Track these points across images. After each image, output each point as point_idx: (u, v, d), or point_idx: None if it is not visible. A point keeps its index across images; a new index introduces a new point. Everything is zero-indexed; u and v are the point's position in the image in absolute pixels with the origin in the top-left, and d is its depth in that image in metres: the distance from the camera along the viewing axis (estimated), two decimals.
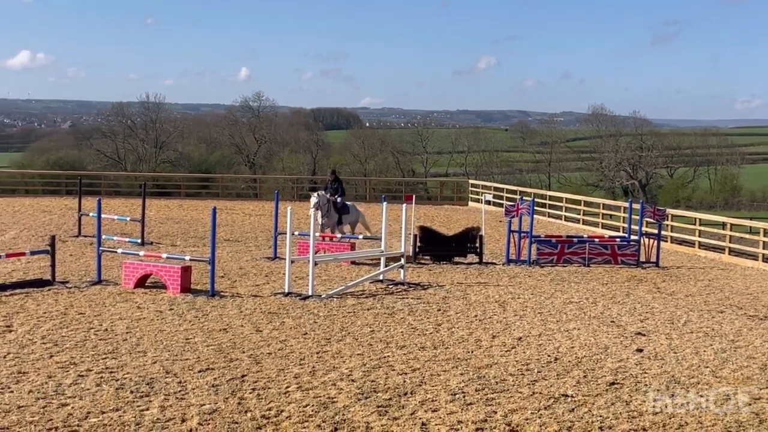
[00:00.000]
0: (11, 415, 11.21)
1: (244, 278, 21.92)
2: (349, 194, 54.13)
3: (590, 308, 19.62)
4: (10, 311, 17.26)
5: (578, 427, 11.51)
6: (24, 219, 34.20)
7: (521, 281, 23.07)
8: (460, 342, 15.99)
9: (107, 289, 19.81)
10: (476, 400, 12.48)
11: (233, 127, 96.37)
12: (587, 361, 14.90)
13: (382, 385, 13.07)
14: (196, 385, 12.74)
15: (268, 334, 16.10)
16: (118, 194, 47.56)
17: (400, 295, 20.44)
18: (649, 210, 29.12)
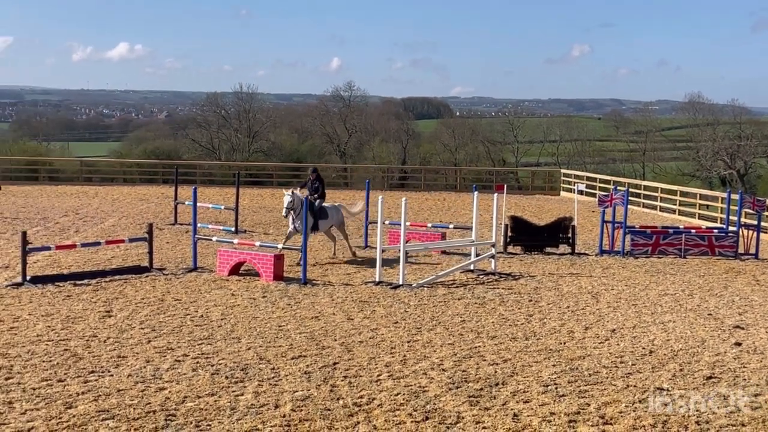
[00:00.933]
0: (111, 398, 11.49)
1: (335, 267, 22.09)
2: (439, 184, 54.12)
3: (686, 300, 19.31)
4: (110, 297, 17.69)
5: (674, 421, 11.35)
6: (122, 207, 34.93)
7: (615, 272, 22.79)
8: (552, 333, 15.89)
9: (202, 276, 20.17)
10: (569, 391, 12.40)
11: (324, 116, 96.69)
12: (683, 354, 14.67)
13: (473, 375, 13.06)
14: (289, 371, 12.90)
15: (360, 322, 16.21)
16: (213, 183, 48.19)
17: (491, 285, 20.38)
18: (748, 200, 28.40)
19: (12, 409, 11.03)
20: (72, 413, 10.94)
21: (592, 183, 45.30)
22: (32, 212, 31.35)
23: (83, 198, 38.40)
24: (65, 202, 36.28)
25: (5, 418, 10.75)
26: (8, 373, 12.44)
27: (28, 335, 14.58)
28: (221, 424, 10.71)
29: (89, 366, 12.91)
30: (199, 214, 23.30)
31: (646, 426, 11.12)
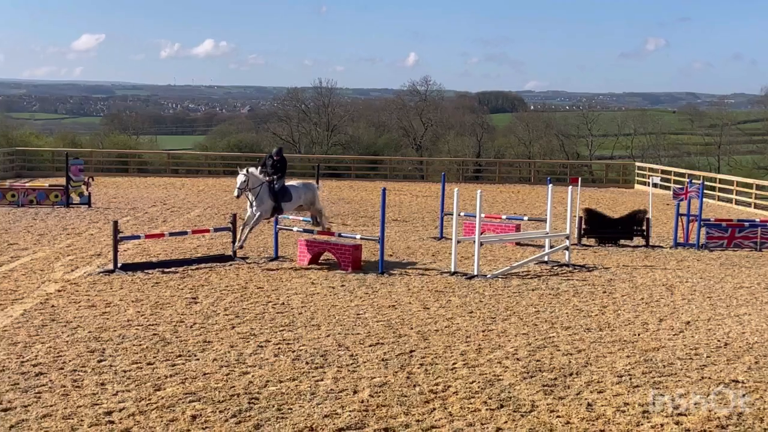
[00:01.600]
0: (197, 381, 11.69)
1: (411, 257, 22.13)
2: (513, 177, 53.80)
3: (762, 294, 18.97)
4: (195, 284, 17.99)
5: (749, 413, 11.17)
6: (207, 198, 35.43)
7: (689, 265, 22.48)
8: (626, 324, 15.74)
9: (283, 265, 20.39)
10: (643, 382, 12.28)
11: (401, 110, 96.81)
12: (759, 347, 14.43)
13: (547, 364, 13.01)
14: (367, 358, 12.99)
15: (435, 311, 16.23)
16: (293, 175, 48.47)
17: (564, 276, 20.26)
18: None
19: (104, 390, 11.30)
20: (160, 395, 11.16)
21: (666, 176, 44.76)
22: (122, 203, 31.97)
23: (170, 189, 39.05)
24: (153, 193, 36.92)
25: (98, 398, 11.01)
26: (101, 356, 12.74)
27: (119, 320, 14.91)
28: (302, 407, 10.83)
29: (176, 350, 13.16)
30: None
31: (721, 418, 10.99)
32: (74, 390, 11.29)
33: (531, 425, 10.52)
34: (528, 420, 10.70)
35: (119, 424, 10.18)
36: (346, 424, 10.35)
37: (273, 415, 10.55)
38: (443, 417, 10.69)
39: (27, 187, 31.97)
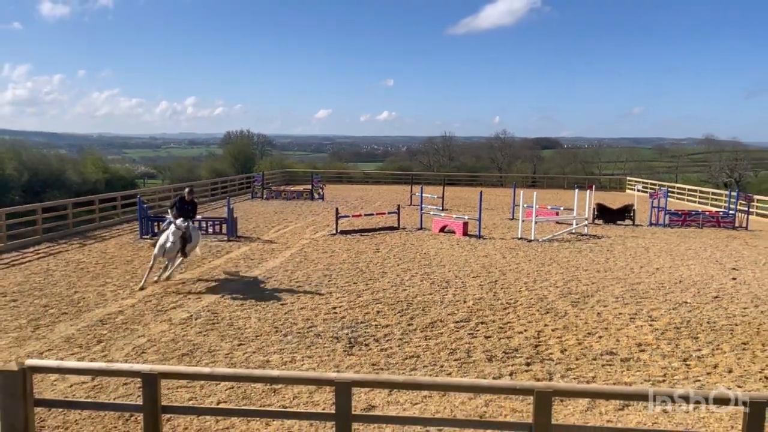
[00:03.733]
0: (379, 293, 11.94)
1: (495, 229, 21.83)
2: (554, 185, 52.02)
3: (702, 253, 17.86)
4: (378, 242, 18.27)
5: (693, 321, 10.63)
6: (384, 196, 35.85)
7: (658, 236, 21.33)
8: (620, 269, 15.13)
9: (425, 233, 20.43)
10: (630, 302, 11.83)
11: (490, 149, 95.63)
12: (699, 283, 13.64)
13: (574, 290, 12.68)
14: (471, 284, 12.95)
15: (509, 259, 15.99)
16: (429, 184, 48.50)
17: (584, 241, 19.57)
18: (742, 196, 26.02)
19: (331, 295, 11.69)
20: (360, 300, 11.46)
21: (645, 185, 42.49)
22: (339, 198, 32.72)
23: (364, 191, 39.65)
24: (355, 193, 37.59)
25: (328, 300, 11.39)
26: (329, 279, 13.16)
27: (338, 260, 15.33)
28: (435, 309, 10.92)
29: (368, 276, 13.45)
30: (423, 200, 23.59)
31: (677, 322, 10.48)
32: (317, 296, 11.73)
33: (564, 323, 10.30)
34: (562, 320, 10.48)
35: (340, 314, 10.52)
36: (460, 318, 10.39)
37: (419, 312, 10.69)
38: (514, 317, 10.59)
39: (291, 190, 33.08)
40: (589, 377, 7.95)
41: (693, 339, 9.64)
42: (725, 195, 30.68)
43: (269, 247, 16.94)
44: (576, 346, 9.17)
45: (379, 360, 8.38)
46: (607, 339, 9.52)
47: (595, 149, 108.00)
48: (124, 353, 8.53)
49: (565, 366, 8.33)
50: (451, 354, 8.68)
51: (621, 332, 9.89)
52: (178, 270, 13.06)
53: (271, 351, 8.68)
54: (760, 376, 8.21)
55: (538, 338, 9.47)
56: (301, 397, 7.10)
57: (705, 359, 8.75)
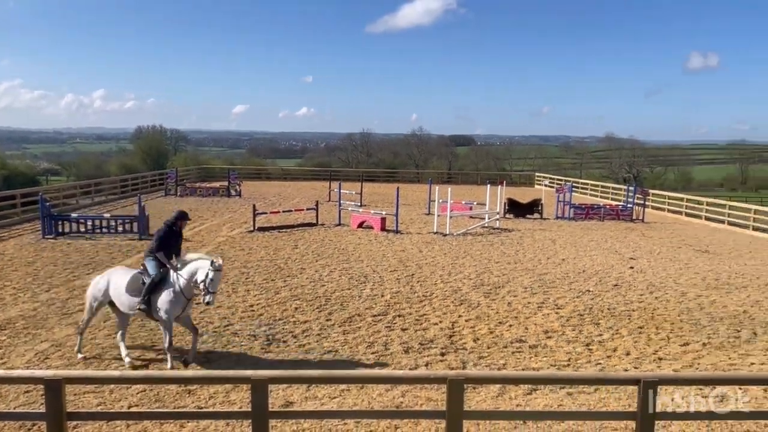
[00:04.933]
0: (298, 289, 11.84)
1: (412, 224, 22.14)
2: (468, 181, 53.33)
3: (603, 244, 18.91)
4: (296, 238, 18.09)
5: (595, 308, 11.24)
6: (302, 192, 35.51)
7: (564, 228, 22.39)
8: (529, 260, 15.76)
9: (344, 228, 20.42)
10: (538, 291, 12.34)
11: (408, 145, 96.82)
12: (601, 272, 14.44)
13: (486, 281, 13.08)
14: (388, 278, 13.08)
15: (426, 253, 16.27)
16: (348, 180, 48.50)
17: (496, 234, 20.23)
18: (638, 190, 27.78)
19: (249, 293, 11.48)
20: (278, 296, 11.32)
21: (552, 180, 44.42)
22: (257, 195, 32.10)
23: (283, 188, 39.11)
24: (274, 189, 37.01)
25: (245, 298, 11.18)
26: (246, 277, 12.91)
27: (256, 257, 15.05)
28: (354, 304, 10.96)
29: (287, 273, 13.30)
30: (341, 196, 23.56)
31: (581, 310, 11.05)
32: (233, 293, 11.48)
33: (477, 314, 10.62)
34: (475, 311, 10.80)
35: (257, 312, 10.35)
36: (377, 312, 10.48)
37: (338, 308, 10.69)
38: (430, 309, 10.80)
39: (207, 186, 32.12)
40: (500, 364, 8.24)
41: (595, 325, 10.20)
42: (624, 190, 32.58)
43: (184, 246, 16.36)
44: (488, 335, 9.49)
45: (297, 356, 8.33)
46: (516, 327, 9.90)
47: (507, 146, 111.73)
48: (25, 359, 8.02)
49: (478, 354, 8.60)
50: (369, 347, 8.75)
51: (530, 320, 10.32)
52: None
53: (186, 352, 8.41)
54: (654, 357, 8.80)
55: (452, 329, 9.71)
56: (217, 397, 6.94)
57: (606, 343, 9.28)
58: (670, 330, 10.05)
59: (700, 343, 9.48)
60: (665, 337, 9.67)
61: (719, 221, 25.79)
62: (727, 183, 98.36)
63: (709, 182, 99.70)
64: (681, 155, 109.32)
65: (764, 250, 19.29)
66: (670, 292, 12.63)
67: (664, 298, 12.09)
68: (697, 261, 16.54)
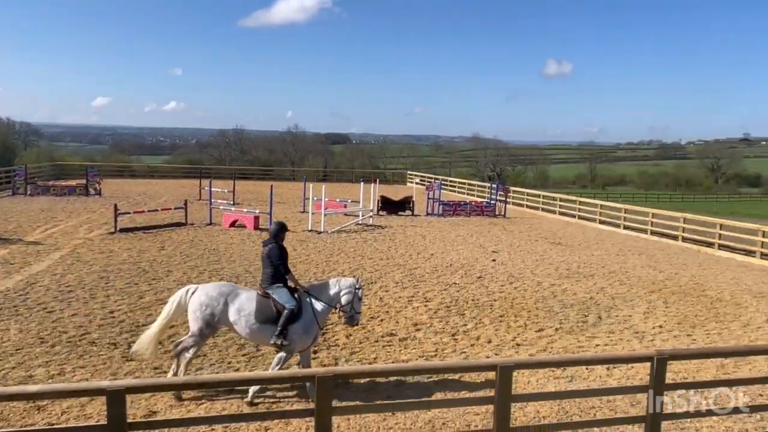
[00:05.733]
0: (163, 293, 11.25)
1: (287, 222, 21.78)
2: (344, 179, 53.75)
3: (469, 238, 19.87)
4: (163, 239, 17.21)
5: (461, 299, 11.77)
6: (171, 190, 33.83)
7: (434, 225, 23.24)
8: (400, 256, 16.16)
9: (215, 228, 19.74)
10: (409, 285, 12.70)
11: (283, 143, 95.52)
12: (466, 265, 15.15)
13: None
14: None
15: (300, 251, 16.17)
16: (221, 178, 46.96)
17: (370, 231, 20.55)
18: (501, 188, 29.48)
19: (108, 299, 10.75)
20: (143, 301, 10.72)
21: (423, 178, 45.90)
22: (120, 194, 30.14)
23: (149, 186, 37.02)
24: (139, 188, 34.93)
25: (104, 304, 10.46)
26: (107, 281, 12.07)
27: (117, 260, 14.12)
28: None
29: (152, 276, 12.62)
30: (213, 194, 22.76)
31: (448, 302, 11.52)
32: (91, 300, 10.69)
33: None
34: None
35: (118, 318, 9.73)
36: None
37: None
38: None
39: (62, 185, 29.60)
40: (371, 358, 8.39)
41: (460, 315, 10.70)
42: (488, 187, 34.43)
43: (34, 249, 15.00)
44: (360, 330, 9.61)
45: (162, 363, 7.93)
46: (388, 321, 10.12)
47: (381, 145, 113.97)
48: None
49: (350, 350, 8.69)
50: (240, 349, 8.54)
51: (400, 314, 10.60)
52: None
53: (35, 365, 7.72)
54: (512, 343, 9.40)
55: (325, 326, 9.72)
56: (71, 412, 6.43)
57: (470, 332, 9.76)
58: (527, 317, 10.78)
59: (554, 328, 10.27)
60: (523, 324, 10.36)
61: (571, 216, 28.07)
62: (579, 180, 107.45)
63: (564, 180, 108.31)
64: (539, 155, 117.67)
65: (609, 241, 21.28)
66: (527, 282, 13.54)
67: (522, 288, 12.95)
68: (551, 253, 17.87)
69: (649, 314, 11.43)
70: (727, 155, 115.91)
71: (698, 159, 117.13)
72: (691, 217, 22.93)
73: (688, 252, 19.95)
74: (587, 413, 6.83)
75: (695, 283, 14.46)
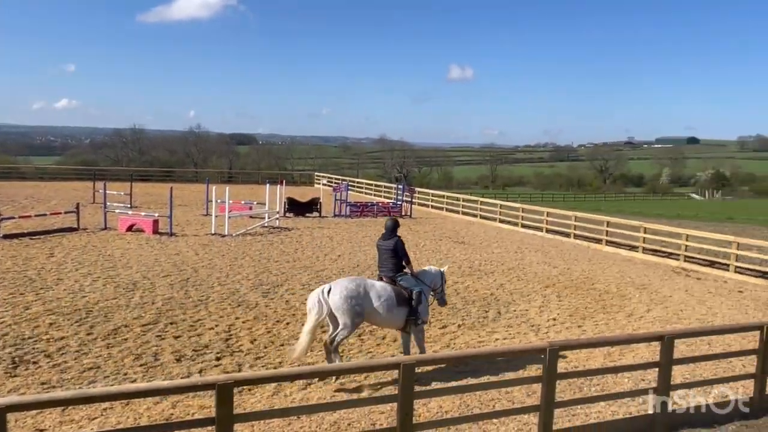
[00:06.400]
0: (53, 303, 10.55)
1: (189, 226, 21.14)
2: (251, 180, 52.67)
3: (375, 239, 19.98)
4: (53, 245, 16.10)
5: None
6: (62, 193, 31.67)
7: (341, 226, 23.26)
8: (307, 258, 16.06)
9: (110, 232, 18.70)
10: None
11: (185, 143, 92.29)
12: (373, 266, 15.06)
13: (265, 281, 13.02)
14: (161, 284, 12.31)
15: (202, 255, 15.65)
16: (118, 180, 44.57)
17: (276, 234, 20.26)
18: (406, 189, 30.03)
19: None
20: (29, 312, 9.96)
21: (330, 180, 45.85)
22: (4, 197, 27.87)
23: (37, 189, 34.45)
24: (26, 191, 32.42)
25: None
26: None
27: (0, 268, 13.07)
28: (120, 314, 10.10)
29: (39, 285, 11.75)
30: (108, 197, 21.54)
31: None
32: None
33: (255, 314, 10.52)
34: (253, 311, 10.69)
35: (1, 332, 8.98)
36: (147, 321, 9.79)
37: (101, 320, 9.76)
38: (206, 313, 10.42)
39: None
40: (276, 363, 8.26)
41: None
42: (395, 188, 34.96)
43: None
44: (265, 334, 9.45)
45: (50, 377, 7.41)
46: (294, 325, 10.01)
47: (288, 146, 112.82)
48: None
49: (255, 355, 8.51)
50: (137, 360, 8.14)
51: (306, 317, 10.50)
52: None
53: None
54: None
55: (229, 332, 9.47)
56: None
57: (376, 332, 9.84)
58: (431, 315, 11.01)
59: (456, 324, 10.57)
60: None
61: (473, 215, 29.04)
62: (481, 181, 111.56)
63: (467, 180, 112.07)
64: (444, 157, 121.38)
65: (508, 239, 22.20)
66: None
67: None
68: (455, 251, 18.39)
69: (544, 308, 12.03)
70: (614, 157, 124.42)
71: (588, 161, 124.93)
72: (581, 215, 24.40)
73: (579, 248, 21.19)
74: (487, 405, 7.08)
75: (585, 277, 15.38)
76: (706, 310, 12.68)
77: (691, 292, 14.34)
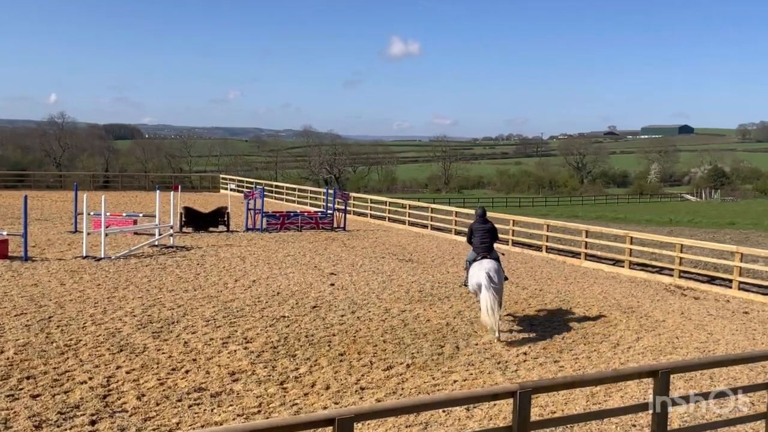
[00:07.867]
0: None
1: (51, 247, 20.43)
2: (133, 185, 51.45)
3: (301, 258, 19.97)
4: None
5: (292, 336, 11.79)
6: None
7: (256, 242, 23.07)
8: (212, 285, 15.82)
9: None
10: (223, 324, 12.46)
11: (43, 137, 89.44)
12: (298, 293, 15.20)
13: (156, 317, 12.73)
14: (13, 325, 11.81)
15: (70, 286, 15.15)
16: None
17: (170, 254, 19.87)
18: (339, 194, 30.12)
19: None
20: None
21: (240, 184, 45.40)
22: None
23: None
24: None
25: None
26: None
27: None
28: None
29: None
30: None
31: (274, 341, 11.45)
32: None
33: (143, 361, 10.25)
34: (140, 357, 10.42)
35: None
36: None
37: None
38: (75, 363, 10.07)
39: None
40: (172, 424, 8.07)
41: (291, 357, 10.69)
42: (324, 193, 34.98)
43: None
44: (157, 387, 9.22)
45: None
46: (195, 372, 9.82)
47: (184, 140, 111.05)
48: None
49: (143, 415, 8.29)
50: None
51: (212, 361, 10.34)
52: None
53: None
54: (356, 387, 9.58)
55: (107, 386, 9.19)
56: None
57: (303, 378, 9.79)
58: (373, 354, 11.06)
59: (404, 364, 10.64)
60: (368, 363, 10.61)
61: (423, 226, 29.41)
62: (431, 182, 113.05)
63: (414, 182, 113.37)
64: (384, 153, 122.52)
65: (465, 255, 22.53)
66: (373, 309, 13.93)
67: (367, 317, 13.28)
68: (401, 272, 18.55)
69: (512, 340, 12.28)
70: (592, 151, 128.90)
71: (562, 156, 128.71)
72: (555, 223, 25.10)
73: (553, 264, 21.78)
74: None
75: (561, 300, 15.81)
76: (706, 336, 13.26)
77: (687, 315, 14.98)
